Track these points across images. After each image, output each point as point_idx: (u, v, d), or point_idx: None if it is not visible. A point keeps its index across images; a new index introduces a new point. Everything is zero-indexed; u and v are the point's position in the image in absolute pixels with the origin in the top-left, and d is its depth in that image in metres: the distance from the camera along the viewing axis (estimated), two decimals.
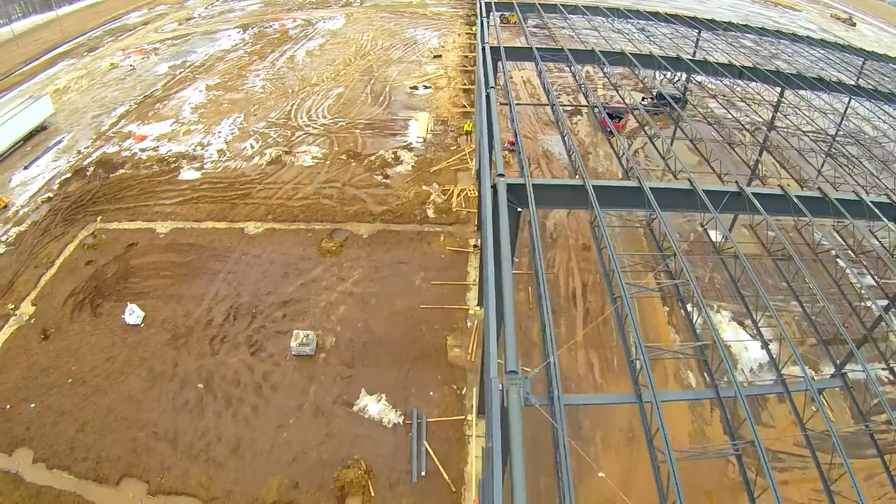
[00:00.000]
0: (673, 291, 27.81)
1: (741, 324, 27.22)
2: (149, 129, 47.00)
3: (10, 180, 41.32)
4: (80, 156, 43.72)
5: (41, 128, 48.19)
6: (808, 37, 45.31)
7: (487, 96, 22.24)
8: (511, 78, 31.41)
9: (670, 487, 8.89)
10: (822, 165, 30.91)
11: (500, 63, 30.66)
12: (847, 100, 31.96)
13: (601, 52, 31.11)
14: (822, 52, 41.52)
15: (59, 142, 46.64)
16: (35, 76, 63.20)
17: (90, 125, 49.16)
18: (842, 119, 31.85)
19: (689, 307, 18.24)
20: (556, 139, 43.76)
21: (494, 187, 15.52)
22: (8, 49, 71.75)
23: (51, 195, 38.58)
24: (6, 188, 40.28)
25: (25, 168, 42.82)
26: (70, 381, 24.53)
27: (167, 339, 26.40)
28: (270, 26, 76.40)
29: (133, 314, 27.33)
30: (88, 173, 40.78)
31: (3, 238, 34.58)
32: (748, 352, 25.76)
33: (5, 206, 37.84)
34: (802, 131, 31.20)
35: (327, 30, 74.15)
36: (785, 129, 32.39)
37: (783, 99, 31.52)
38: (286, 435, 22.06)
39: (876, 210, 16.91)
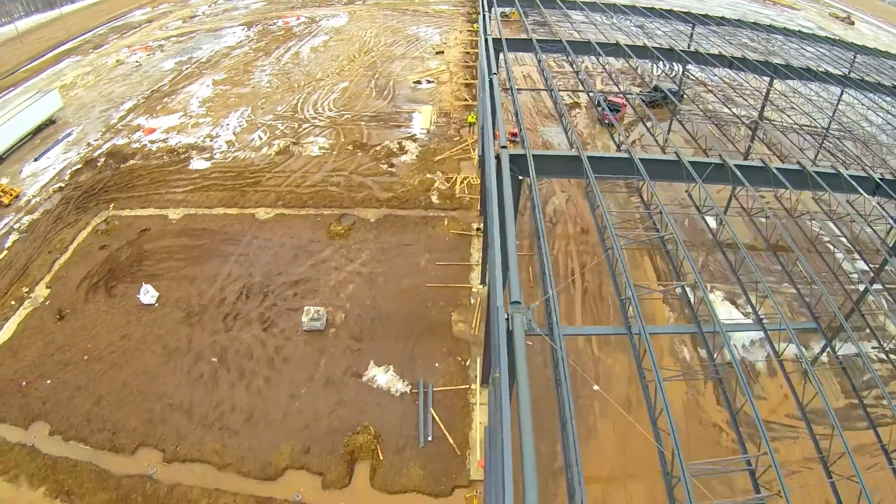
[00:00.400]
0: (668, 277, 28.88)
1: (734, 303, 28.23)
2: (157, 122, 47.98)
3: (21, 171, 42.26)
4: (90, 147, 44.65)
5: (50, 121, 49.12)
6: (799, 31, 46.48)
7: (490, 81, 23.31)
8: (511, 72, 32.73)
9: (657, 401, 9.91)
10: (817, 157, 32.08)
11: (501, 54, 31.72)
12: (840, 91, 33.06)
13: (598, 43, 32.25)
14: (815, 46, 42.64)
15: (69, 135, 47.57)
16: (40, 73, 64.11)
17: (99, 119, 50.10)
18: (834, 111, 33.02)
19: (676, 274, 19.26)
20: (556, 131, 44.84)
21: (498, 157, 16.61)
22: (12, 47, 72.63)
23: (62, 185, 39.46)
24: (17, 179, 41.21)
25: (35, 160, 43.74)
26: (86, 357, 25.40)
27: (181, 317, 27.31)
28: (274, 23, 77.46)
29: (148, 294, 28.23)
30: (99, 164, 41.72)
31: (17, 226, 35.49)
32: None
33: (17, 196, 38.72)
34: (798, 125, 32.28)
35: (331, 27, 75.23)
36: (778, 122, 33.51)
37: (773, 89, 32.65)
38: (298, 404, 22.99)
39: (853, 183, 17.92)
